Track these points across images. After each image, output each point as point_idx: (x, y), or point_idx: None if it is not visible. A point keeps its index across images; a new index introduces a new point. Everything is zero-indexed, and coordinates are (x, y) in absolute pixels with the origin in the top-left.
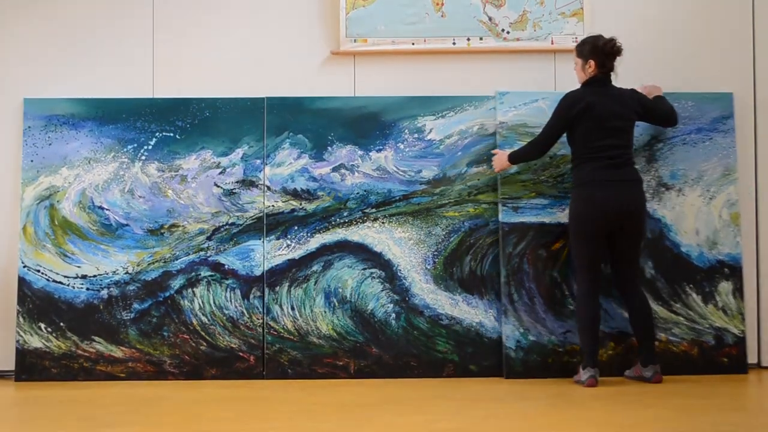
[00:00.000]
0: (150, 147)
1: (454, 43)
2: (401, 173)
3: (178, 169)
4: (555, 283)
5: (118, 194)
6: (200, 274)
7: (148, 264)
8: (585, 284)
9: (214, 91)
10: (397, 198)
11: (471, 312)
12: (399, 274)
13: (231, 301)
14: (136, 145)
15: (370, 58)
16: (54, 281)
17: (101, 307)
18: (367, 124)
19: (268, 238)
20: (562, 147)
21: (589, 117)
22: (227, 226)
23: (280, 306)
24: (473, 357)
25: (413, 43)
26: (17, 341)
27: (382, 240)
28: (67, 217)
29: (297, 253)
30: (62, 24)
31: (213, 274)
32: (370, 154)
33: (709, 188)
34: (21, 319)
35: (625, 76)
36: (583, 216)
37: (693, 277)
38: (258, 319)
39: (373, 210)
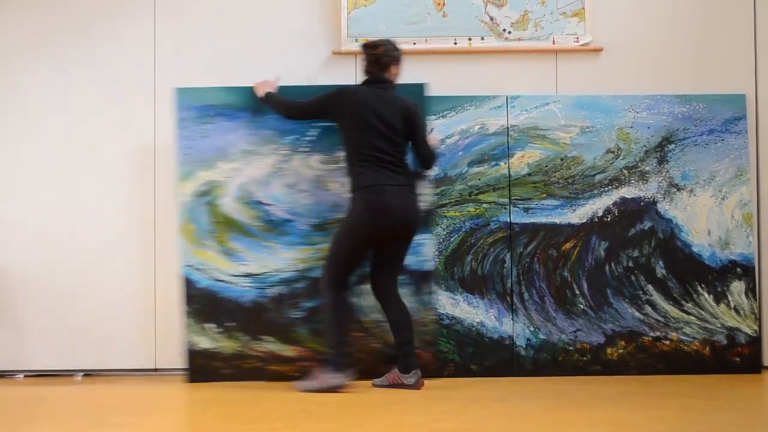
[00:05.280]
0: (312, 138)
1: (455, 43)
2: None
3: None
4: (565, 282)
5: (280, 188)
6: None
7: (315, 260)
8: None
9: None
10: None
11: (472, 312)
12: None
13: None
14: (296, 135)
15: None
16: (218, 280)
17: (269, 305)
18: None
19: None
20: (572, 149)
21: None
22: None
23: None
24: (474, 357)
25: (414, 43)
26: (187, 342)
27: None
28: (228, 213)
29: None
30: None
31: None
32: None
33: (721, 189)
34: (189, 319)
35: (626, 77)
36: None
37: (704, 277)
38: None
39: None
